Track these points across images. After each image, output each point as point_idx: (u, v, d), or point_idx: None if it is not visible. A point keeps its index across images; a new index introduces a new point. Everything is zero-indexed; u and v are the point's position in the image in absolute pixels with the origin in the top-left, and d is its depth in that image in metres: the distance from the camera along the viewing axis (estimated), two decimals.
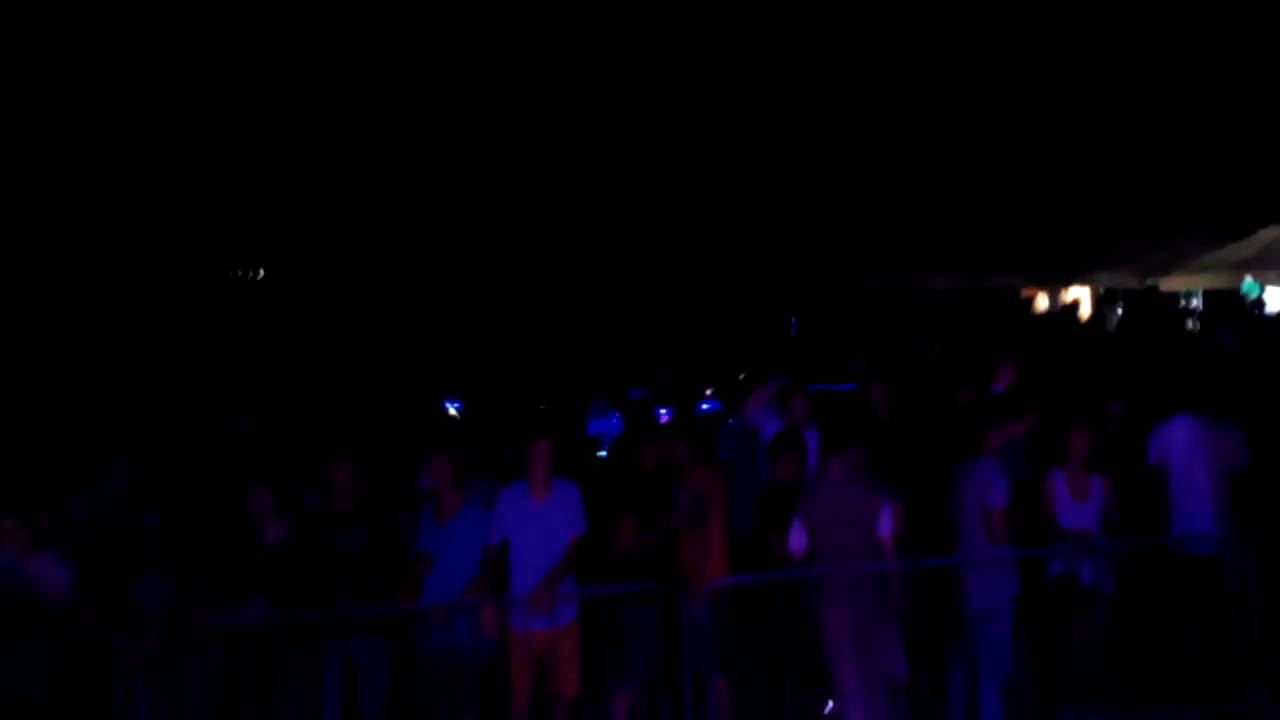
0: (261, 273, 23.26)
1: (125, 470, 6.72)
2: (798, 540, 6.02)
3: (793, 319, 17.23)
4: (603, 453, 7.85)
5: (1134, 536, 6.28)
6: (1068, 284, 20.20)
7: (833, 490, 6.10)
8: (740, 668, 6.29)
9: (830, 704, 6.38)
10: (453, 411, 8.01)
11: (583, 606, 6.14)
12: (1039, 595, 6.21)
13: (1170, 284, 16.79)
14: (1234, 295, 15.79)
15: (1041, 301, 22.02)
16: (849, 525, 5.99)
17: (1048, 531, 6.20)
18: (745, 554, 6.44)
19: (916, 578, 6.19)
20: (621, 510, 6.26)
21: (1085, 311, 19.14)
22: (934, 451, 6.67)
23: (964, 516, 6.33)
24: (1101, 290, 19.99)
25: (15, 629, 5.49)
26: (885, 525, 6.03)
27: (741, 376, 8.57)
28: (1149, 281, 17.39)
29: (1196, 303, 17.32)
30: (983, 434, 6.38)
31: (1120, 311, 18.53)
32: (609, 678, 6.25)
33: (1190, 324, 15.05)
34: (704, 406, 9.55)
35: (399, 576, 6.10)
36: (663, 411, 8.48)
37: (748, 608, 6.22)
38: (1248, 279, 14.92)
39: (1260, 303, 15.33)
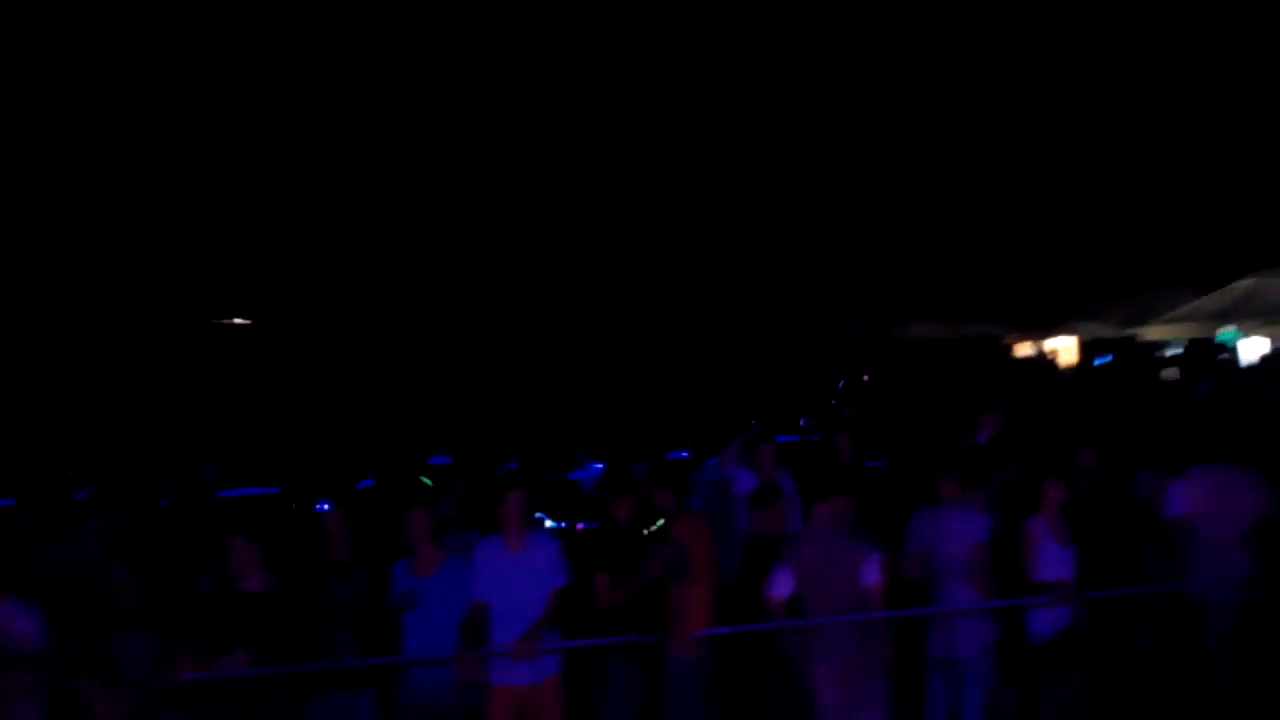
0: (247, 321, 23.22)
1: (104, 523, 6.65)
2: (782, 587, 6.01)
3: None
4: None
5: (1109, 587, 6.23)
6: (1050, 333, 20.43)
7: (819, 539, 6.12)
8: (725, 718, 6.26)
9: None
10: (436, 465, 8.00)
11: (567, 658, 6.10)
12: (1019, 645, 6.18)
13: (1149, 333, 16.97)
14: (1211, 344, 15.98)
15: (1024, 350, 22.21)
16: (835, 574, 5.99)
17: (1023, 582, 6.19)
18: (728, 605, 6.46)
19: (900, 627, 6.20)
20: (595, 565, 6.27)
21: (1070, 360, 19.33)
22: (907, 500, 6.70)
23: (941, 561, 6.35)
24: (1089, 339, 20.18)
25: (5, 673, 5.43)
26: (872, 574, 6.04)
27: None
28: (1127, 331, 17.59)
29: (1172, 352, 17.51)
30: (940, 482, 6.40)
31: (1100, 361, 18.70)
32: None
33: (1166, 373, 15.18)
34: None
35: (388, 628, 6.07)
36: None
37: (732, 658, 6.20)
38: (1226, 328, 15.10)
39: (1233, 352, 15.50)
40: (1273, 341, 14.74)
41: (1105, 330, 18.46)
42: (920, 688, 6.34)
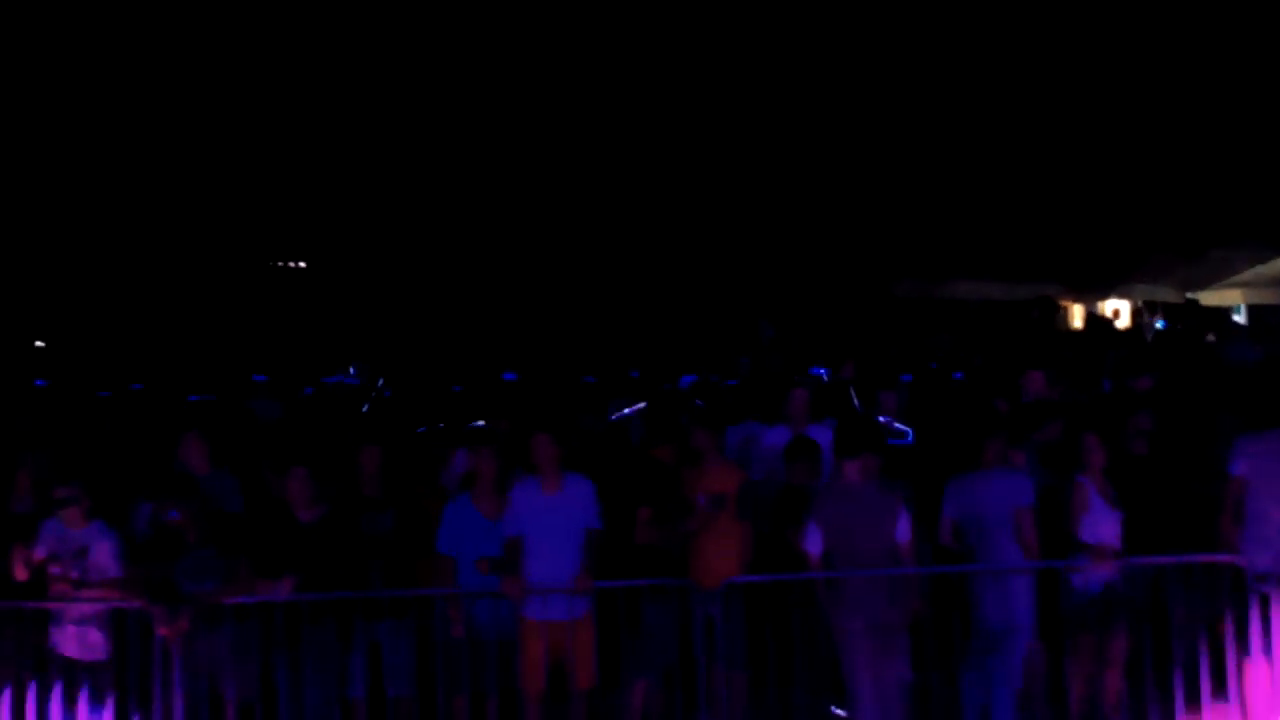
0: (303, 264, 23.58)
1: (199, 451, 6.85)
2: (814, 543, 6.04)
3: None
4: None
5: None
6: (1106, 295, 19.99)
7: (849, 494, 6.12)
8: (753, 665, 6.30)
9: (839, 710, 6.39)
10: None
11: (600, 598, 6.22)
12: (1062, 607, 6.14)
13: (1210, 298, 16.55)
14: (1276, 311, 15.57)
15: (1077, 312, 21.78)
16: (866, 529, 6.02)
17: (1068, 543, 6.13)
18: (760, 553, 6.51)
19: (931, 585, 6.18)
20: (638, 501, 6.35)
21: (1124, 323, 18.94)
22: (947, 461, 6.63)
23: (988, 525, 6.30)
24: (1140, 302, 19.74)
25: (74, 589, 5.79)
26: (903, 530, 6.03)
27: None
28: (1189, 295, 17.16)
29: (1238, 318, 17.07)
30: (985, 444, 6.33)
31: (1160, 324, 18.31)
32: (625, 669, 6.33)
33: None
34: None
35: (424, 562, 6.26)
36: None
37: (762, 606, 6.24)
38: None
39: None
40: None
41: (1164, 294, 18.05)
42: (952, 647, 6.28)
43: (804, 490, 6.40)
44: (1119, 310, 20.09)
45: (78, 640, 5.91)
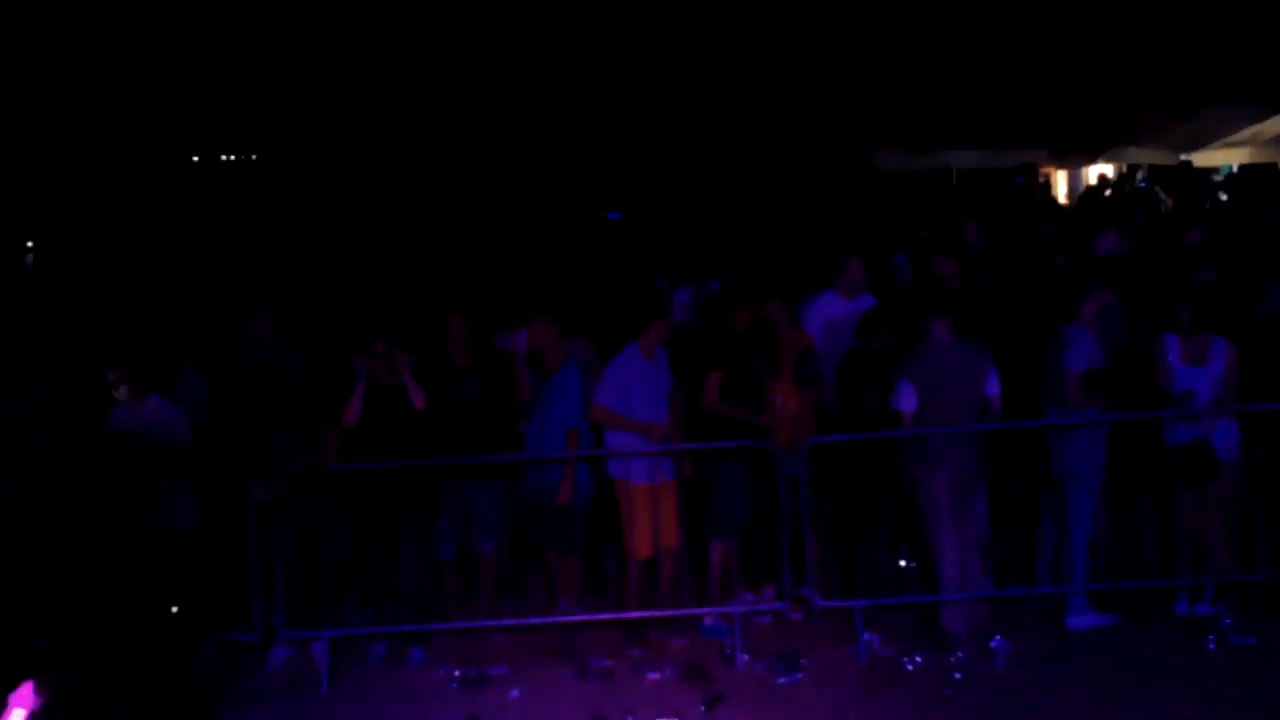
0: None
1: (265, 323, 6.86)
2: (908, 400, 6.10)
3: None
4: None
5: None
6: (1093, 160, 19.93)
7: (939, 351, 6.16)
8: (835, 523, 6.39)
9: (905, 562, 6.54)
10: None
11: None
12: (1146, 459, 6.22)
13: (1205, 159, 16.54)
14: (1272, 170, 15.60)
15: (1062, 178, 21.76)
16: (957, 385, 6.09)
17: (1157, 396, 6.18)
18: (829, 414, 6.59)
19: (1011, 438, 6.24)
20: (711, 365, 6.38)
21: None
22: (1026, 316, 6.64)
23: (1051, 380, 6.34)
24: (1125, 167, 19.71)
25: (147, 470, 5.72)
26: (993, 384, 6.07)
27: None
28: (1182, 157, 17.13)
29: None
30: (1077, 298, 6.31)
31: (1144, 187, 18.28)
32: (706, 529, 6.45)
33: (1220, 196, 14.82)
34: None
35: (510, 425, 6.40)
36: None
37: (843, 465, 6.29)
38: None
39: None
40: None
41: (1154, 156, 18.02)
42: (1029, 500, 6.38)
43: (877, 352, 6.41)
44: (1104, 175, 20.02)
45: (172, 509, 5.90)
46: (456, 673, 6.03)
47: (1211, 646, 5.95)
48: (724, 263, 8.32)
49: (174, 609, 5.50)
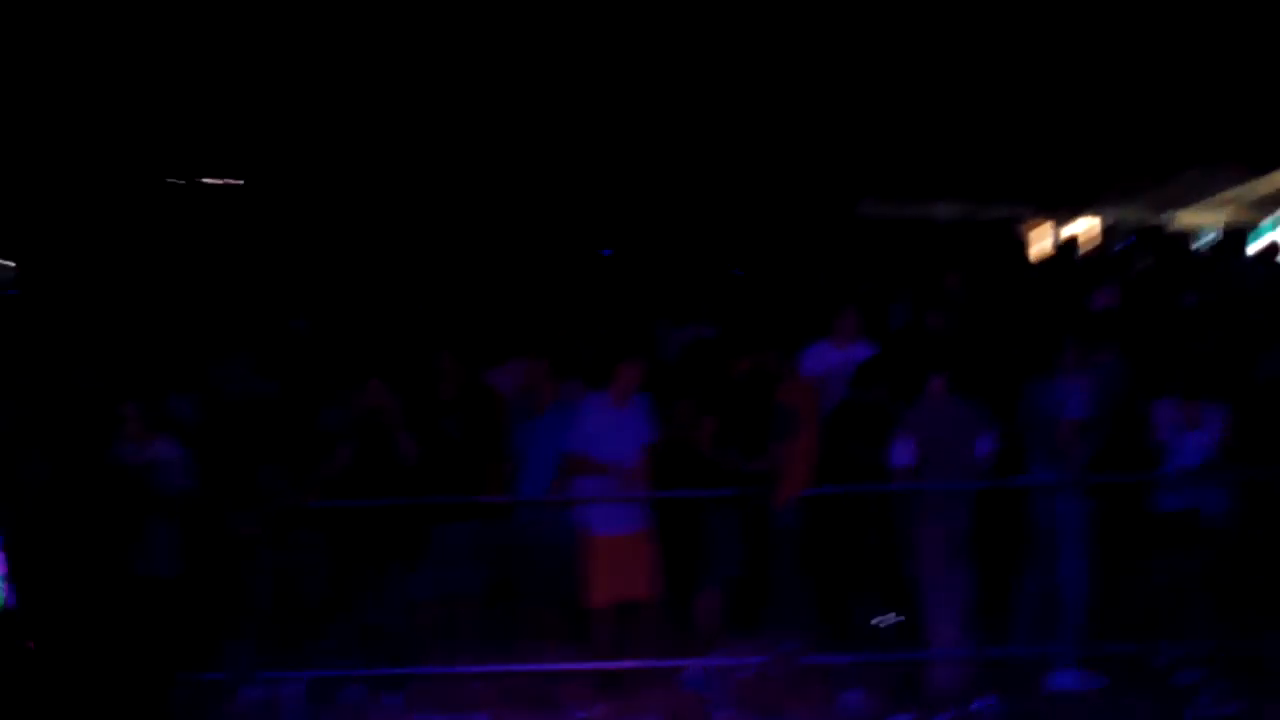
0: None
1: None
2: (903, 454, 6.03)
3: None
4: None
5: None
6: (1075, 216, 20.16)
7: (937, 407, 6.14)
8: (820, 575, 6.33)
9: (884, 617, 6.47)
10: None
11: (666, 508, 6.24)
12: (1132, 524, 6.20)
13: (1187, 218, 16.75)
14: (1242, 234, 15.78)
15: (1044, 234, 21.96)
16: (953, 442, 6.08)
17: (1148, 458, 6.17)
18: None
19: (999, 497, 6.22)
20: (703, 410, 6.32)
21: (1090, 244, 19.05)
22: (1008, 370, 6.64)
23: (1038, 434, 6.31)
24: (1110, 223, 19.94)
25: (141, 511, 5.55)
26: (987, 444, 6.08)
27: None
28: (1164, 216, 17.35)
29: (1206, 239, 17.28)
30: (1066, 350, 6.32)
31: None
32: (692, 579, 6.33)
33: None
34: None
35: (492, 465, 6.28)
36: None
37: (831, 519, 6.23)
38: (1271, 218, 14.85)
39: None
40: None
41: (1137, 214, 18.24)
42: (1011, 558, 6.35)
43: (879, 406, 6.38)
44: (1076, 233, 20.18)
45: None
46: (435, 719, 5.92)
47: (1188, 717, 5.90)
48: (718, 307, 8.24)
49: (148, 653, 5.35)
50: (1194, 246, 15.87)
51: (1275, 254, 10.29)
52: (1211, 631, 6.15)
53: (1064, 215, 20.55)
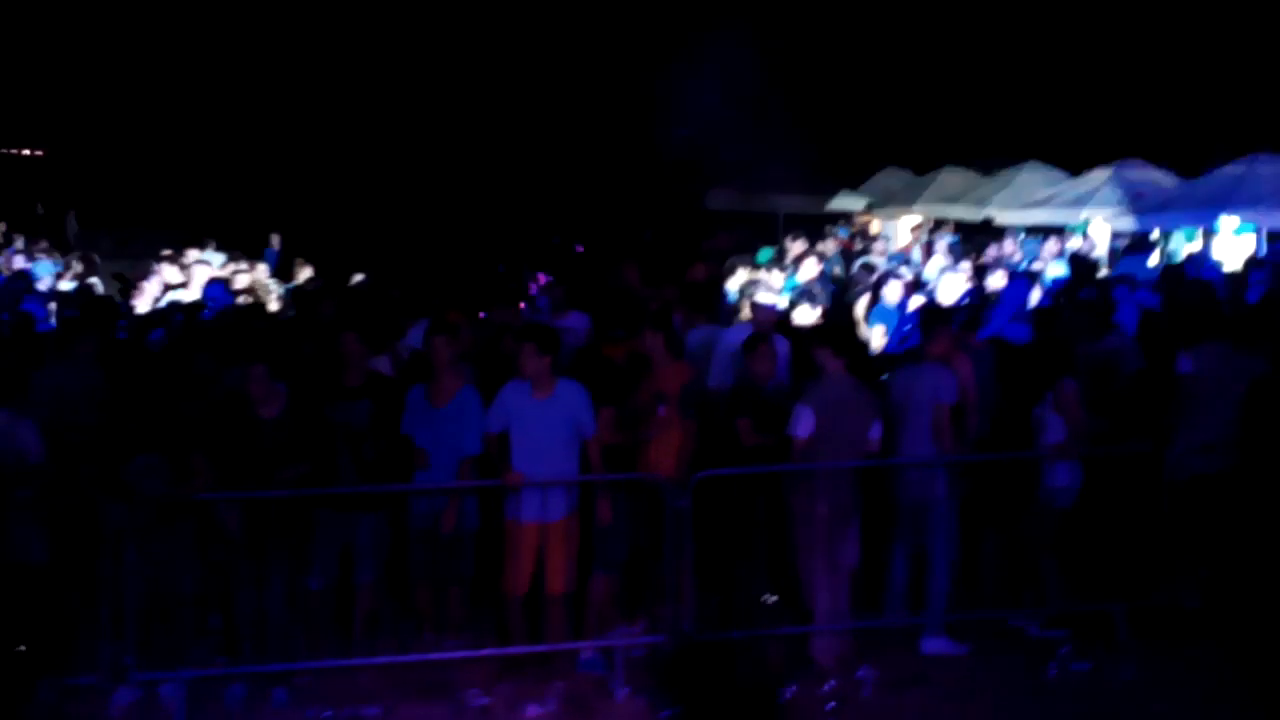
0: None
1: (92, 349, 6.29)
2: (804, 427, 6.22)
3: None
4: None
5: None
6: (906, 211, 21.19)
7: (838, 387, 6.37)
8: (713, 556, 6.48)
9: (770, 597, 6.70)
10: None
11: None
12: (998, 497, 6.65)
13: (1005, 217, 17.82)
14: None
15: (875, 228, 22.98)
16: (847, 422, 6.29)
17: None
18: (709, 444, 6.66)
19: (878, 474, 6.54)
20: (599, 402, 6.32)
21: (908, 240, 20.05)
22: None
23: (912, 415, 6.66)
24: (932, 221, 21.01)
25: (10, 486, 5.20)
26: (876, 429, 6.39)
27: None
28: (985, 213, 18.44)
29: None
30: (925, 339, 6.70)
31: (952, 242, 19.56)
32: (588, 565, 6.38)
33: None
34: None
35: (393, 451, 6.11)
36: None
37: (721, 494, 6.40)
38: (1081, 217, 16.02)
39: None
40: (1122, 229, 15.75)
41: (962, 212, 19.33)
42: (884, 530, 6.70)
43: (757, 385, 6.58)
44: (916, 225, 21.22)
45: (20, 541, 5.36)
46: (327, 714, 5.75)
47: (1053, 672, 6.39)
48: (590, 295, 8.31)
49: (16, 649, 4.97)
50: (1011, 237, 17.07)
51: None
52: (1064, 594, 6.67)
53: (892, 211, 21.64)
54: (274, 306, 9.54)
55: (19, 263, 13.03)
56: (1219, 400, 6.57)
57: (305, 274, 11.71)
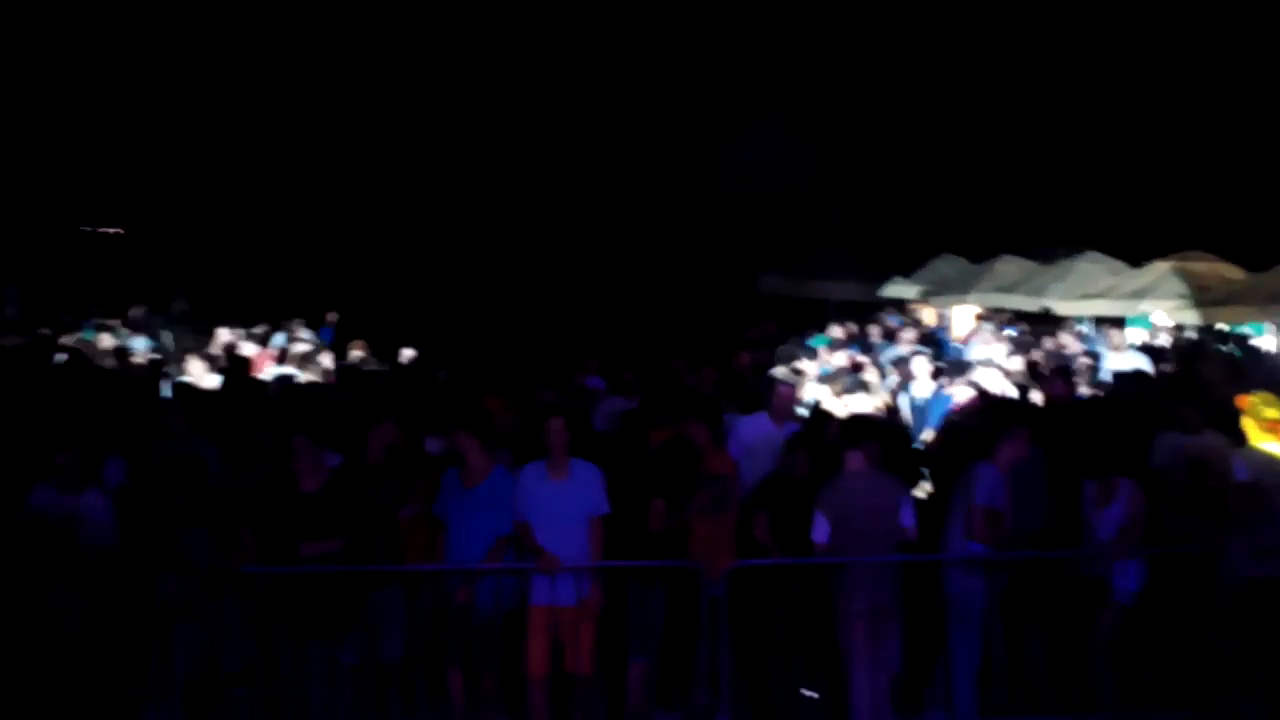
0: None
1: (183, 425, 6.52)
2: (820, 532, 6.21)
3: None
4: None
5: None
6: (961, 300, 21.07)
7: (853, 482, 6.30)
8: (751, 648, 6.39)
9: (809, 692, 6.55)
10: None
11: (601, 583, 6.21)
12: (1043, 596, 6.48)
13: (1063, 308, 17.60)
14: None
15: (929, 317, 22.84)
16: (870, 515, 6.22)
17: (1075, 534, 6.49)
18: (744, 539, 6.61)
19: (922, 571, 6.42)
20: (648, 492, 6.34)
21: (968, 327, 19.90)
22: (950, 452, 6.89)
23: (958, 515, 6.55)
24: (989, 309, 20.83)
25: (53, 566, 5.28)
26: (908, 516, 6.23)
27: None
28: (1043, 305, 18.24)
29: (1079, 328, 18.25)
30: (997, 439, 6.59)
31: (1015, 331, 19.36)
32: (625, 651, 6.32)
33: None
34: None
35: (421, 532, 6.19)
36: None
37: (761, 591, 6.32)
38: (1140, 309, 15.79)
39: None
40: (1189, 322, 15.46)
41: (1019, 302, 19.15)
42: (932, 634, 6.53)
43: (798, 482, 6.54)
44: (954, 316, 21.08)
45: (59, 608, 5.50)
46: None
47: None
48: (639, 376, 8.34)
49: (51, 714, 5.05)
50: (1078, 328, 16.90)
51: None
52: (1117, 700, 6.42)
53: (947, 300, 21.54)
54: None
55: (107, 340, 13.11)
56: (1275, 504, 6.38)
57: (357, 353, 11.95)
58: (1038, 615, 6.59)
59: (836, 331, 12.41)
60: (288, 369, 9.40)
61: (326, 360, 10.39)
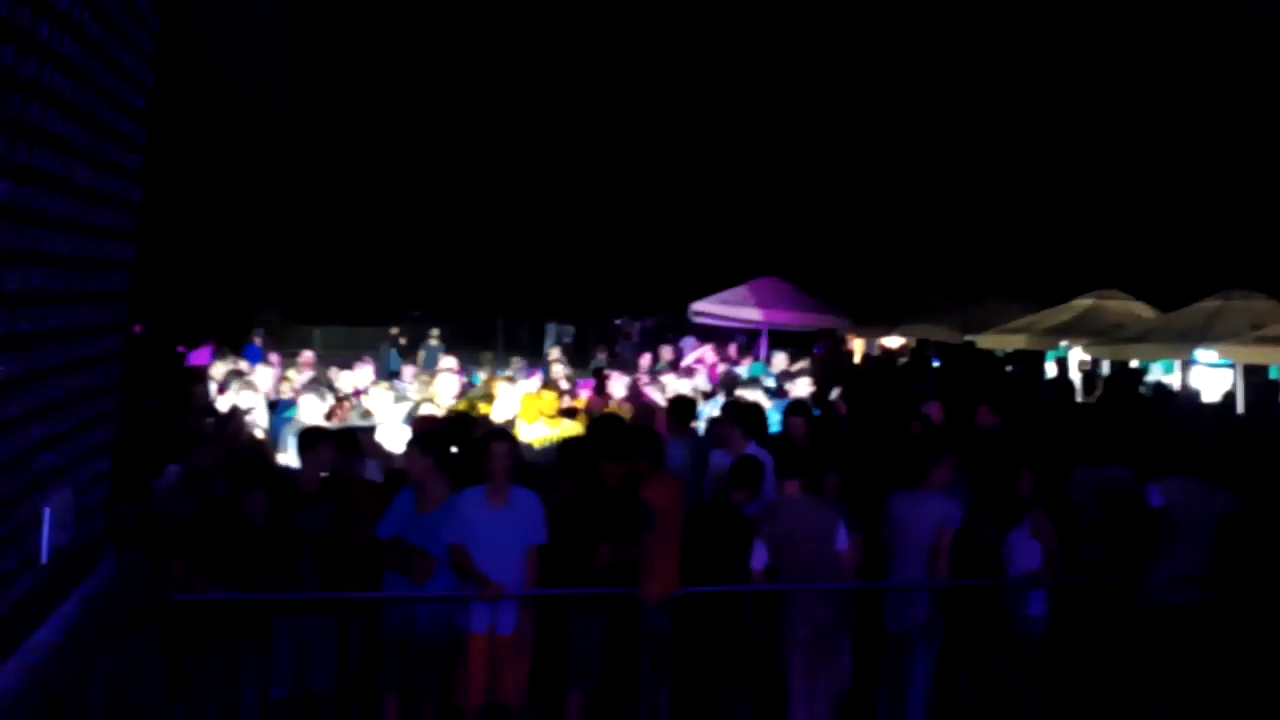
0: None
1: None
2: (759, 559, 6.26)
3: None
4: None
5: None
6: (889, 332, 21.58)
7: (790, 511, 6.38)
8: (692, 676, 6.43)
9: None
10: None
11: (539, 611, 6.17)
12: (974, 627, 6.60)
13: (986, 341, 18.18)
14: (1040, 357, 17.38)
15: (858, 346, 23.30)
16: (808, 543, 6.28)
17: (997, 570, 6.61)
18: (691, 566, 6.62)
19: (860, 598, 6.54)
20: (595, 534, 6.29)
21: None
22: (880, 478, 7.04)
23: (912, 542, 6.63)
24: (914, 342, 21.37)
25: None
26: (842, 540, 6.36)
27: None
28: (966, 337, 18.80)
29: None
30: (930, 466, 6.74)
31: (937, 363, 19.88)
32: (562, 681, 6.29)
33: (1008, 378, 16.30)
34: None
35: (354, 558, 6.09)
36: None
37: (703, 618, 6.37)
38: (1061, 344, 16.39)
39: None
40: (1101, 359, 16.10)
41: (943, 334, 19.69)
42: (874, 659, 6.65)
43: (738, 512, 6.61)
44: (899, 345, 21.62)
45: None
46: None
47: None
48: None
49: None
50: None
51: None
52: None
53: (876, 330, 22.04)
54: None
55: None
56: (1193, 533, 6.64)
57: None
58: (963, 643, 6.77)
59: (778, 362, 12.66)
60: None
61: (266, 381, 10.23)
